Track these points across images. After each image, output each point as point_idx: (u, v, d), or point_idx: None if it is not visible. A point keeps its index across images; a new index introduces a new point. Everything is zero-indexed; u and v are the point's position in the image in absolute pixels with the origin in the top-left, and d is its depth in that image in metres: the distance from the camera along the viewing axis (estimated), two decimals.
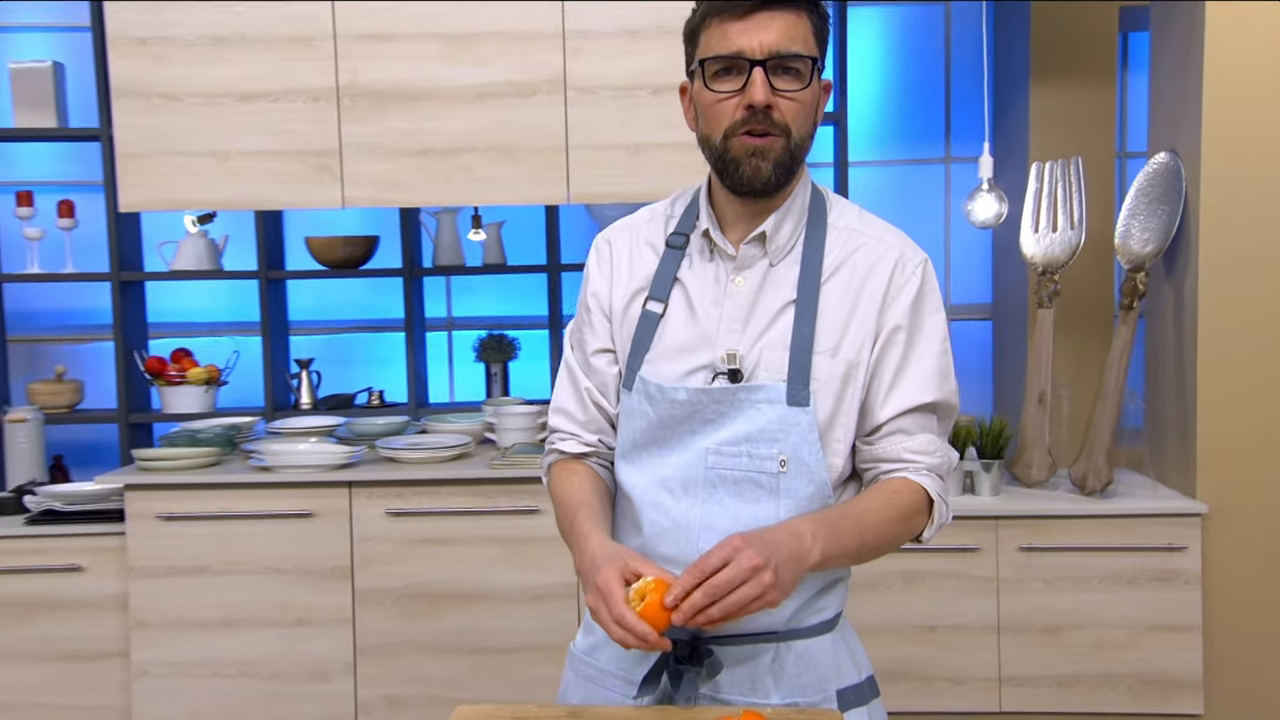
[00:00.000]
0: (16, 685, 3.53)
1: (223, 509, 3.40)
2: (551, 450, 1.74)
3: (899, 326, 1.59)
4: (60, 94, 4.29)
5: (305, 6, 3.35)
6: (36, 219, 4.37)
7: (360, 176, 3.39)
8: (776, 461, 1.55)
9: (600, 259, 1.72)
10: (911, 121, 4.78)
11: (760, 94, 1.49)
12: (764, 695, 1.59)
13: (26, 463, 4.01)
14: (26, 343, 4.73)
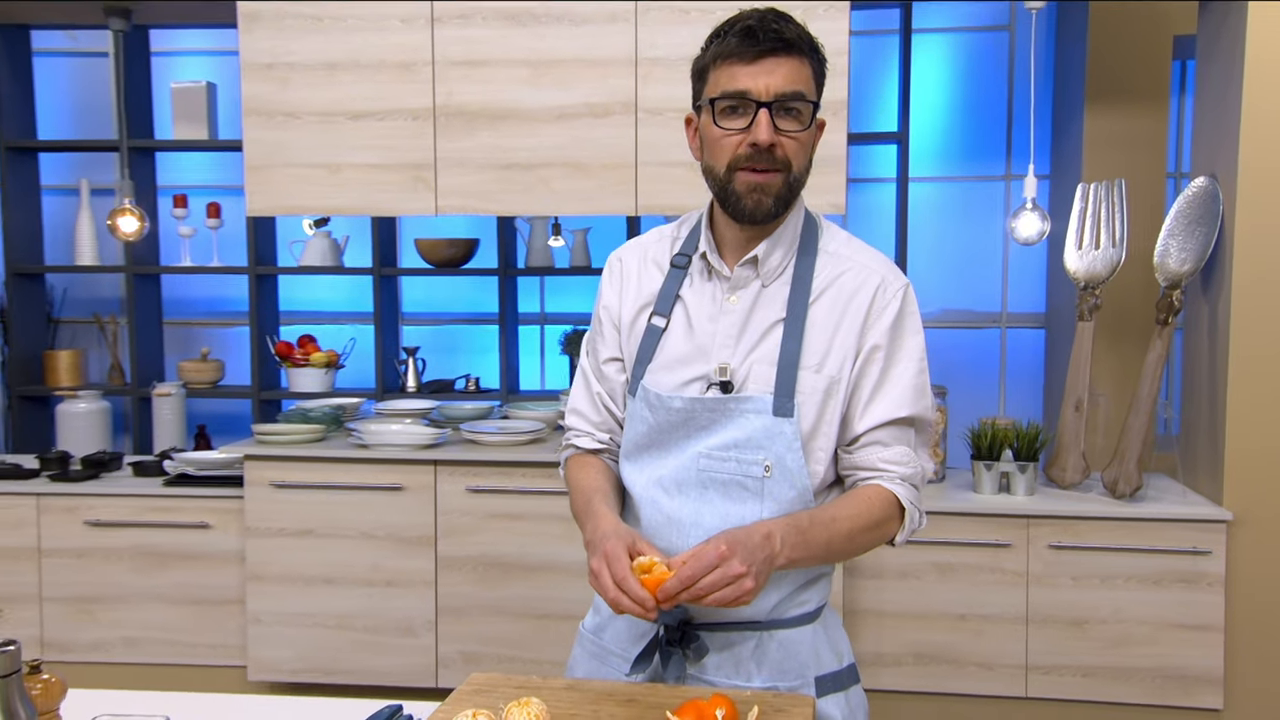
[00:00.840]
0: (155, 623, 3.69)
1: (326, 480, 3.48)
2: (568, 445, 1.77)
3: (878, 346, 1.58)
4: (212, 110, 4.45)
5: (408, 36, 3.40)
6: (189, 219, 4.55)
7: (452, 187, 3.43)
8: (762, 467, 1.55)
9: (612, 275, 1.73)
10: (974, 141, 4.66)
11: (765, 134, 1.49)
12: (746, 678, 1.60)
13: (169, 431, 4.18)
14: (179, 326, 4.93)
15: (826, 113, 3.20)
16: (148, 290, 4.64)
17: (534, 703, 1.37)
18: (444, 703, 1.51)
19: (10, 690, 1.21)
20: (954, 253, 4.71)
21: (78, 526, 3.67)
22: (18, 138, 4.65)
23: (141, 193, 4.56)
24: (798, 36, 1.52)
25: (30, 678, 1.30)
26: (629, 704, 1.48)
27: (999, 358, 4.76)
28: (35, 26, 4.65)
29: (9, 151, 4.63)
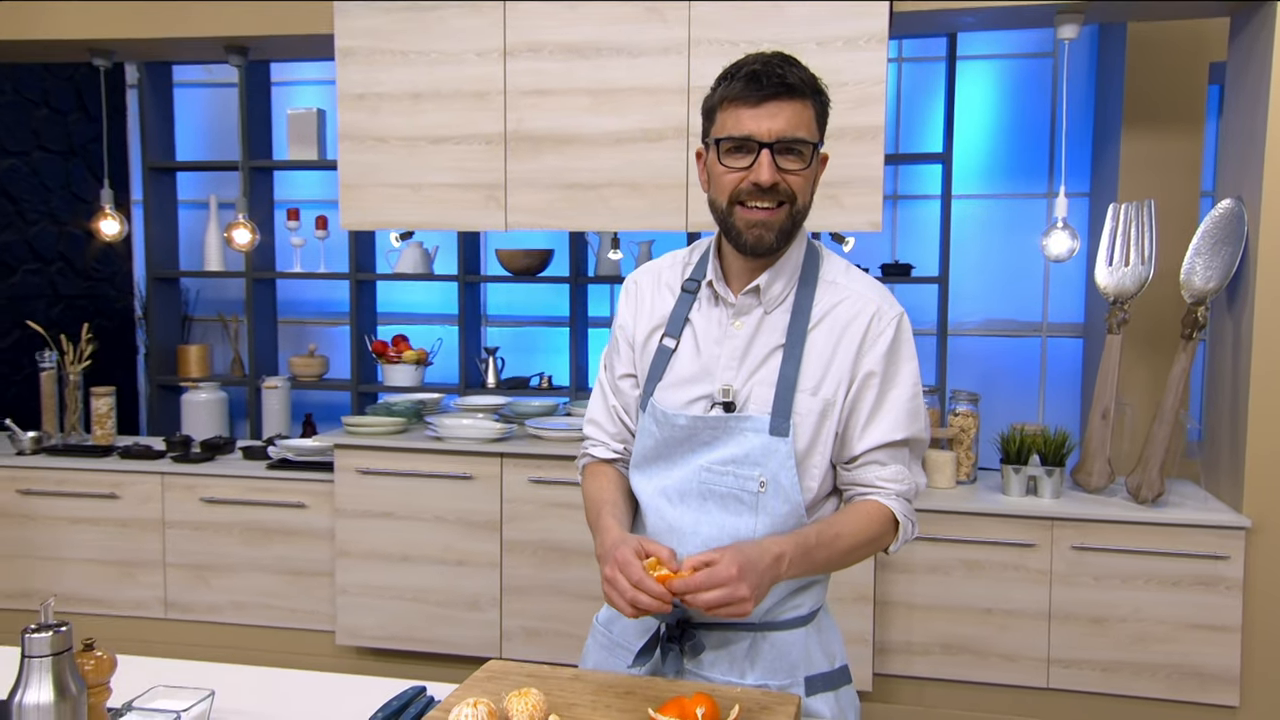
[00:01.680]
0: (258, 589, 3.77)
1: (405, 468, 3.51)
2: (585, 454, 1.74)
3: (873, 372, 1.53)
4: (321, 133, 4.53)
5: (483, 69, 3.40)
6: (301, 230, 4.64)
7: (520, 205, 3.43)
8: (757, 482, 1.51)
9: (628, 296, 1.69)
10: (1018, 160, 4.50)
11: (766, 174, 1.45)
12: (740, 675, 1.56)
13: (276, 419, 4.27)
14: (292, 325, 5.03)
15: (865, 138, 3.18)
16: (264, 293, 4.76)
17: (533, 693, 1.35)
18: (459, 687, 1.49)
19: (61, 666, 1.23)
20: (999, 265, 4.56)
21: (195, 503, 3.77)
22: (158, 159, 4.80)
23: (260, 207, 4.68)
24: (800, 81, 1.47)
25: (84, 655, 1.32)
26: (626, 695, 1.45)
27: (1039, 366, 4.60)
28: (176, 63, 4.79)
29: (151, 171, 4.79)
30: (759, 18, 3.22)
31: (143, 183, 4.85)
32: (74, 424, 4.16)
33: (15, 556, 3.93)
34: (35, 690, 1.21)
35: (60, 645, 1.23)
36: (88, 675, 1.29)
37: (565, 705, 1.42)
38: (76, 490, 3.86)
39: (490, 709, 1.31)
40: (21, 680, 1.22)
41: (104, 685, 1.32)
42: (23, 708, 1.21)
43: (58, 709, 1.22)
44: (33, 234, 5.05)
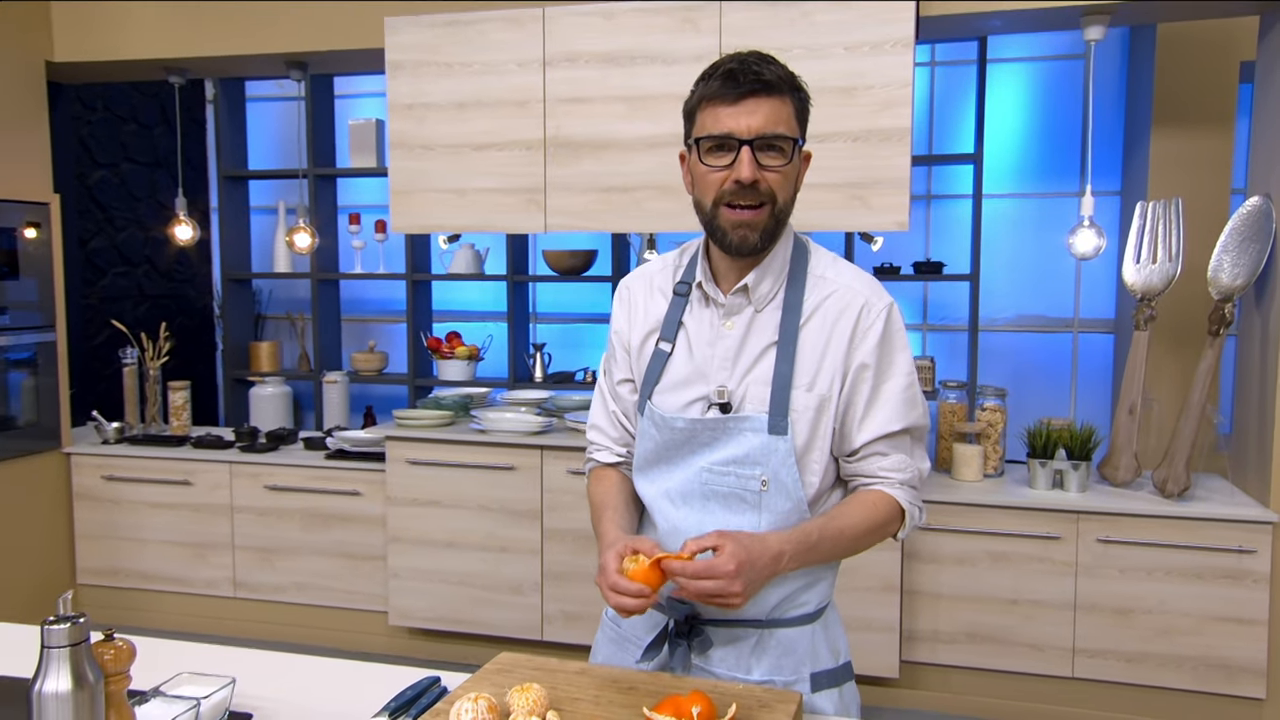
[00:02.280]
0: (317, 571, 3.79)
1: (451, 459, 3.49)
2: (589, 459, 1.66)
3: (865, 364, 1.44)
4: (380, 142, 4.52)
5: (524, 78, 3.35)
6: (362, 233, 4.64)
7: (559, 208, 3.37)
8: (759, 481, 1.43)
9: (621, 302, 1.61)
10: (1051, 159, 4.34)
11: (747, 171, 1.36)
12: (746, 672, 1.48)
13: (336, 412, 4.28)
14: (354, 322, 5.04)
15: (891, 139, 3.06)
16: (329, 293, 4.77)
17: (534, 688, 1.29)
18: (469, 678, 1.44)
19: (79, 657, 1.20)
20: (1031, 262, 4.40)
21: (260, 490, 3.79)
22: (231, 168, 4.84)
23: (324, 212, 4.69)
24: (778, 78, 1.38)
25: (104, 645, 1.28)
26: (629, 691, 1.38)
27: (1071, 361, 4.43)
28: (248, 78, 4.83)
29: (225, 180, 4.83)
30: (788, 25, 3.12)
31: (217, 190, 4.89)
32: (153, 415, 4.21)
33: (102, 537, 4.00)
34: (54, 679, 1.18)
35: (77, 636, 1.20)
36: (106, 664, 1.25)
37: (569, 700, 1.35)
38: (154, 477, 3.90)
39: (490, 704, 1.26)
40: (41, 670, 1.19)
41: (123, 674, 1.29)
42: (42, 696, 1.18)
43: (75, 698, 1.19)
44: (121, 239, 5.13)
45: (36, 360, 3.90)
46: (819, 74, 3.12)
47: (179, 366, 5.27)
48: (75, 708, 1.18)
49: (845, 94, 3.10)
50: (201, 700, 1.36)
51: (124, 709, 1.27)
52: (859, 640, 3.16)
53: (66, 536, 4.03)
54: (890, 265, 4.12)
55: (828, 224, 3.18)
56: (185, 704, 1.35)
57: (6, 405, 3.81)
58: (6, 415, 3.80)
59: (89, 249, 4.95)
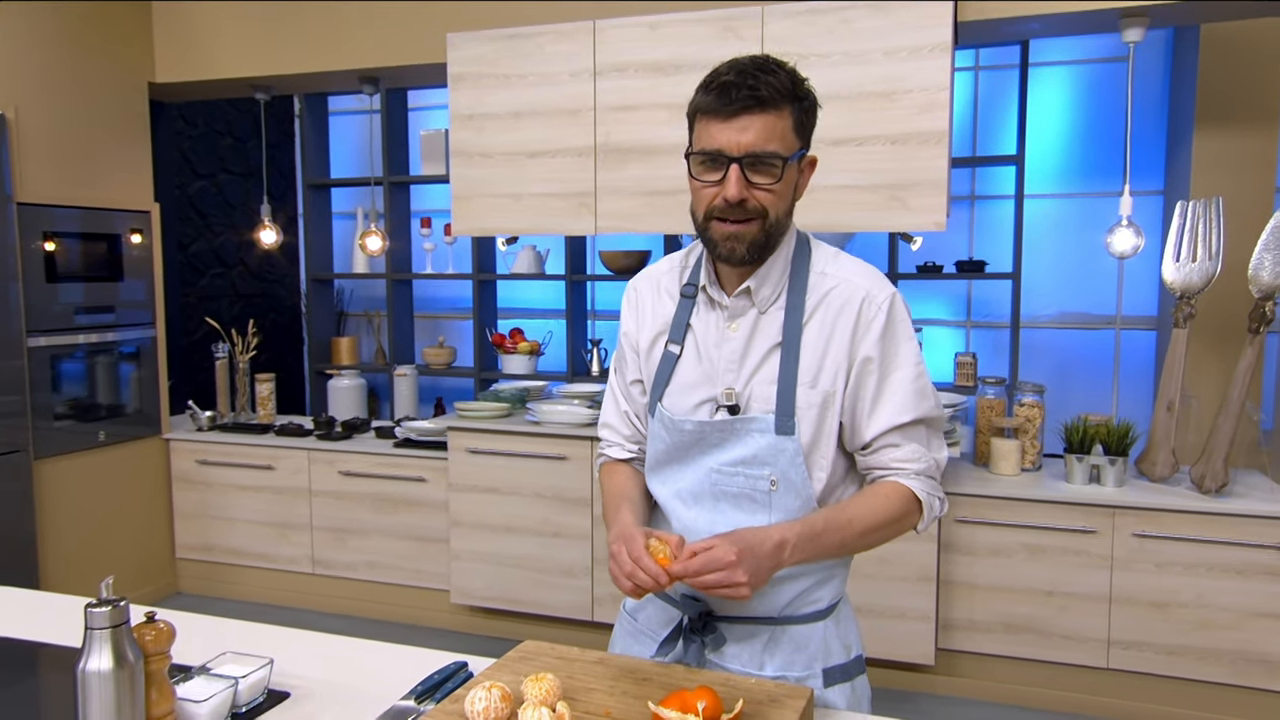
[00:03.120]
0: (386, 551, 3.81)
1: (508, 449, 3.47)
2: (601, 455, 1.60)
3: (870, 357, 1.35)
4: (448, 151, 4.52)
5: (575, 88, 3.31)
6: (433, 236, 4.66)
7: (608, 211, 3.32)
8: (768, 481, 1.36)
9: (629, 304, 1.53)
10: (1094, 159, 4.14)
11: (734, 191, 1.27)
12: (759, 667, 1.41)
13: (405, 403, 4.30)
14: (425, 319, 5.07)
15: (929, 142, 2.94)
16: (402, 292, 4.80)
17: (548, 678, 1.24)
18: (492, 665, 1.40)
19: (120, 637, 1.19)
20: (1074, 260, 4.22)
21: (335, 475, 3.82)
22: (315, 177, 4.90)
23: (398, 217, 4.72)
24: (774, 91, 1.26)
25: (146, 626, 1.28)
26: (643, 683, 1.33)
27: (1113, 357, 4.23)
28: (330, 93, 4.88)
29: (309, 188, 4.89)
30: (828, 31, 3.02)
31: (302, 198, 4.96)
32: (242, 405, 4.28)
33: (196, 516, 4.09)
34: (97, 658, 1.18)
35: (118, 619, 1.19)
36: (147, 645, 1.24)
37: (584, 689, 1.30)
38: (241, 462, 3.97)
39: (504, 692, 1.22)
40: (85, 649, 1.18)
41: (163, 653, 1.28)
42: (86, 674, 1.17)
43: (116, 676, 1.18)
44: (218, 244, 5.25)
45: (140, 354, 3.99)
46: (858, 79, 3.01)
47: (270, 359, 5.37)
48: (116, 685, 1.18)
49: (884, 98, 2.99)
50: (240, 679, 1.34)
51: (164, 686, 1.26)
52: (894, 628, 3.06)
53: (166, 515, 4.12)
54: (933, 264, 3.98)
55: (867, 224, 3.07)
56: (225, 682, 1.33)
57: (115, 395, 3.91)
58: (115, 404, 3.90)
59: (189, 252, 5.07)
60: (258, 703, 1.37)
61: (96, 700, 1.17)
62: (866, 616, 3.08)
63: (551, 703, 1.21)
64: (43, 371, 3.56)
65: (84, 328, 3.73)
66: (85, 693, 1.17)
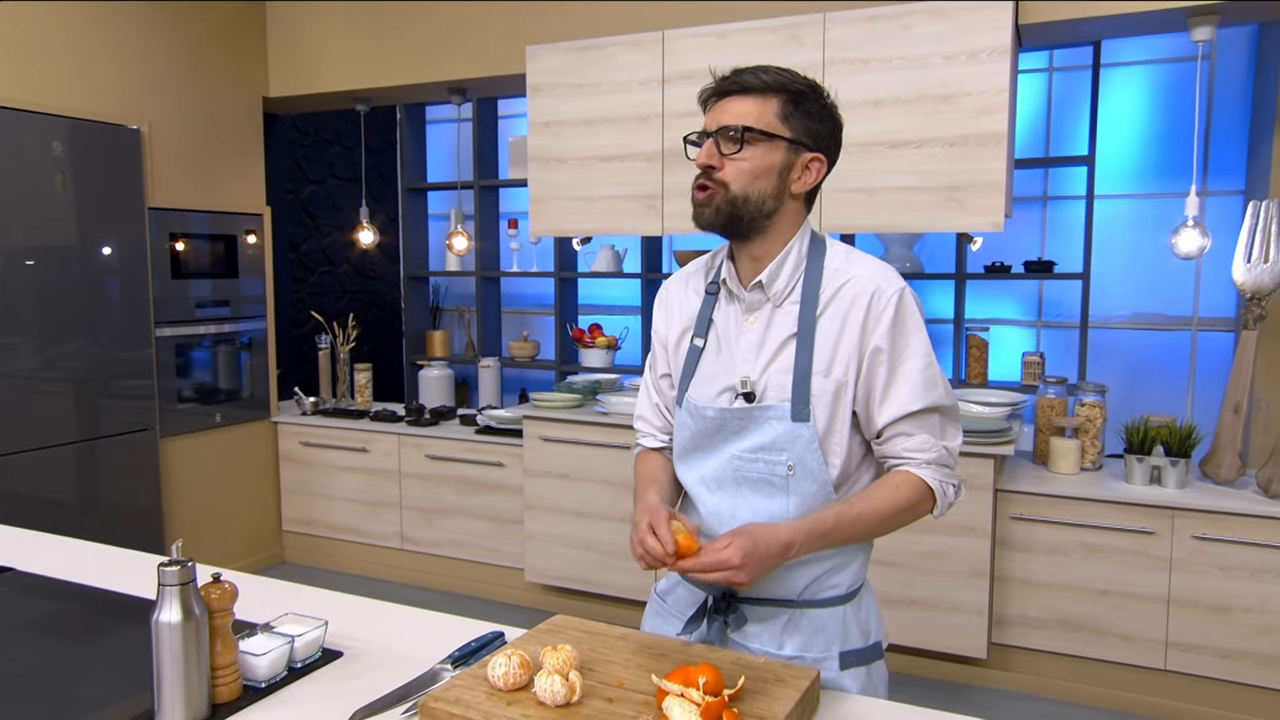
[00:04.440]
0: (467, 531, 3.92)
1: (578, 437, 3.52)
2: (637, 445, 1.64)
3: (879, 348, 1.36)
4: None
5: (644, 95, 3.34)
6: (518, 237, 4.76)
7: (675, 212, 3.34)
8: (785, 466, 1.37)
9: (661, 303, 1.57)
10: (1170, 159, 3.94)
11: (703, 156, 1.36)
12: (778, 647, 1.42)
13: (489, 393, 4.41)
14: (512, 315, 5.18)
15: (988, 144, 2.86)
16: (490, 289, 4.92)
17: (565, 649, 1.28)
18: (523, 635, 1.45)
19: (187, 594, 1.28)
20: (1149, 261, 4.03)
21: (423, 458, 3.96)
22: (412, 181, 5.07)
23: (487, 218, 4.84)
24: (760, 81, 1.34)
25: (213, 585, 1.36)
26: (660, 658, 1.35)
27: (1189, 359, 4.02)
28: (424, 104, 5.04)
29: (408, 191, 5.06)
30: (888, 37, 2.97)
31: (400, 200, 5.14)
32: (342, 392, 4.47)
33: (299, 493, 4.29)
34: (167, 611, 1.27)
35: (185, 577, 1.28)
36: (212, 602, 1.33)
37: (602, 661, 1.34)
38: (340, 444, 4.15)
39: (523, 659, 1.26)
40: (158, 603, 1.27)
41: (227, 610, 1.36)
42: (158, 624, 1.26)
43: (184, 628, 1.26)
44: (326, 244, 5.48)
45: (252, 344, 4.22)
46: (918, 82, 2.95)
47: (371, 350, 5.59)
48: (184, 636, 1.26)
49: (943, 101, 2.92)
50: (296, 637, 1.42)
51: (228, 639, 1.35)
52: (947, 621, 2.99)
53: (274, 491, 4.34)
54: (1000, 264, 3.86)
55: (925, 225, 3.00)
56: (282, 639, 1.42)
57: (231, 381, 4.14)
58: (230, 389, 4.13)
59: (300, 252, 5.31)
60: (313, 659, 1.44)
61: (168, 648, 1.25)
62: (919, 608, 3.02)
63: (565, 671, 1.25)
64: (168, 359, 3.80)
65: (204, 320, 3.96)
66: (158, 640, 1.26)
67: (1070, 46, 3.79)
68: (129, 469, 3.64)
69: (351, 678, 1.39)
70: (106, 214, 3.51)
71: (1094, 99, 3.62)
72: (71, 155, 3.37)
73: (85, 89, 3.48)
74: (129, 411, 3.63)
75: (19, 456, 3.26)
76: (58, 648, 1.52)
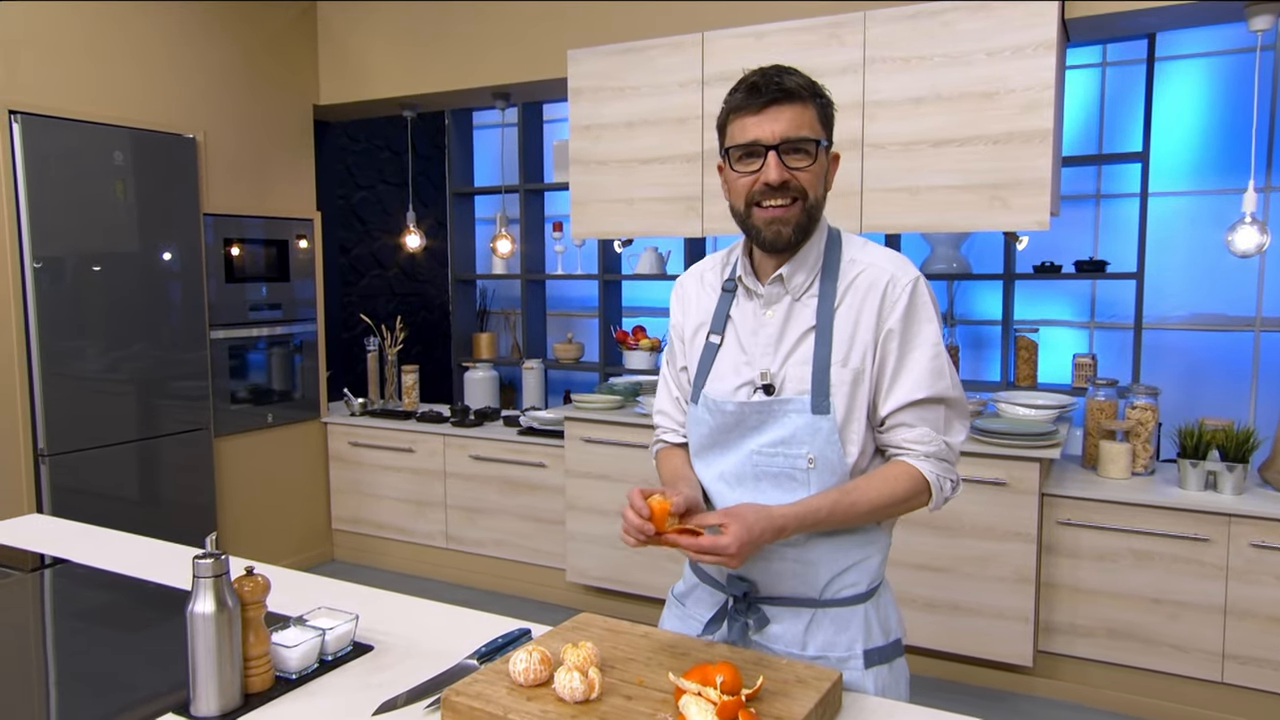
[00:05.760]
0: (510, 530, 3.96)
1: (618, 439, 3.53)
2: (658, 440, 1.64)
3: (892, 330, 1.36)
4: None
5: (684, 98, 3.34)
6: (563, 240, 4.80)
7: (714, 214, 3.33)
8: (805, 460, 1.37)
9: (677, 298, 1.58)
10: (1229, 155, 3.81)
11: (774, 174, 1.32)
12: (801, 648, 1.41)
13: (533, 394, 4.44)
14: (557, 317, 5.22)
15: (1033, 141, 2.81)
16: (535, 291, 4.96)
17: (586, 646, 1.29)
18: (547, 632, 1.46)
19: (220, 586, 1.31)
20: (1209, 259, 3.89)
21: (466, 458, 4.01)
22: (459, 186, 5.14)
23: (533, 221, 4.88)
24: (798, 86, 1.32)
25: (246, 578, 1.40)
26: (681, 657, 1.35)
27: (1251, 360, 3.88)
28: (469, 109, 5.11)
29: (455, 196, 5.14)
30: (929, 35, 2.93)
31: (448, 205, 5.21)
32: (390, 393, 4.55)
33: (348, 491, 4.38)
34: (202, 602, 1.31)
35: (219, 570, 1.32)
36: (245, 594, 1.36)
37: (623, 659, 1.34)
38: (386, 444, 4.22)
39: (544, 655, 1.27)
40: (193, 594, 1.31)
41: (259, 602, 1.40)
42: (193, 615, 1.30)
43: (217, 618, 1.30)
44: (376, 248, 5.59)
45: (304, 347, 4.32)
46: (960, 80, 2.90)
47: (420, 352, 5.68)
48: (217, 626, 1.30)
49: (986, 98, 2.87)
50: (327, 630, 1.46)
51: (261, 631, 1.38)
52: (991, 628, 2.93)
53: (324, 490, 4.44)
54: (1051, 264, 3.77)
55: (969, 224, 2.95)
56: (314, 632, 1.45)
57: (283, 382, 4.24)
58: (282, 390, 4.24)
59: (351, 256, 5.42)
60: (344, 652, 1.48)
61: (202, 638, 1.29)
62: (962, 614, 2.97)
63: (585, 668, 1.26)
64: (222, 360, 3.91)
65: (256, 322, 4.07)
66: (193, 630, 1.29)
67: (1123, 40, 3.69)
68: (185, 467, 3.76)
69: (380, 670, 1.42)
70: (165, 220, 3.63)
71: (1148, 94, 3.52)
72: (132, 164, 3.49)
73: (143, 99, 3.61)
74: (185, 411, 3.75)
75: (83, 454, 3.38)
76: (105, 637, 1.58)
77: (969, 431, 1.43)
